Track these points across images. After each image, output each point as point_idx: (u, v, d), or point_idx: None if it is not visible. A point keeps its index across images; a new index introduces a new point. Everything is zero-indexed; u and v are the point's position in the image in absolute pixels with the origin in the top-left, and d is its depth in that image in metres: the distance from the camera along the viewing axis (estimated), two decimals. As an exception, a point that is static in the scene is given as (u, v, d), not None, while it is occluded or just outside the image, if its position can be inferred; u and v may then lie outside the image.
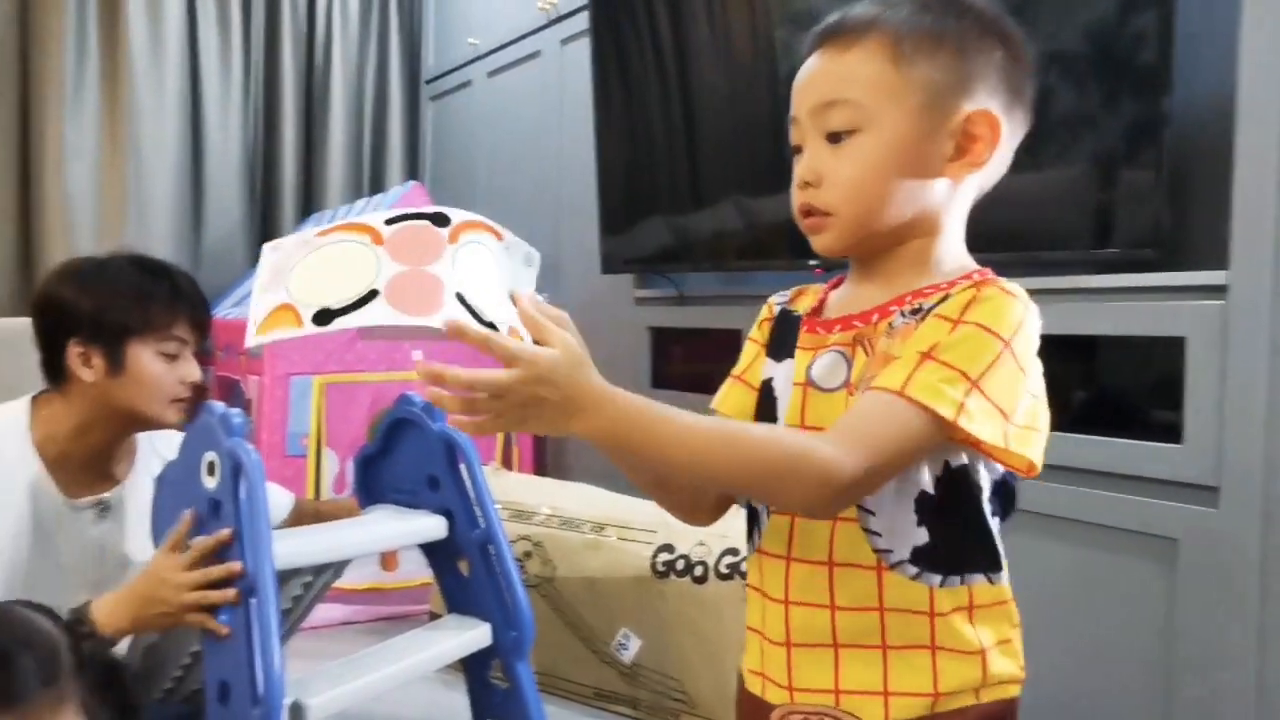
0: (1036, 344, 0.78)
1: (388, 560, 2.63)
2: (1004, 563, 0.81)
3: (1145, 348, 1.44)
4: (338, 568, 1.48)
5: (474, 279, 0.82)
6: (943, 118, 0.78)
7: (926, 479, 0.79)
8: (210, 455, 1.19)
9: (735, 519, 1.86)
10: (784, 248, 2.01)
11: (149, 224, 3.09)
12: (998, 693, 0.79)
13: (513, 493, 2.09)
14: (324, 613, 2.29)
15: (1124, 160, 1.41)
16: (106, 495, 1.35)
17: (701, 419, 0.75)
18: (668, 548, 1.83)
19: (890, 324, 0.80)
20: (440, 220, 0.86)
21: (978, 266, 0.84)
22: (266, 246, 0.86)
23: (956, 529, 0.80)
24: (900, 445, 0.74)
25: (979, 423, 0.72)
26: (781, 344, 0.89)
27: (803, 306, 0.90)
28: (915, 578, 0.79)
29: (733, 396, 0.93)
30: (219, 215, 3.30)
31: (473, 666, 1.45)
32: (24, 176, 2.96)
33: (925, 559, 0.79)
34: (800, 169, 0.82)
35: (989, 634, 0.79)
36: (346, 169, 3.53)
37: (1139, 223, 1.39)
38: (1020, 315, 0.76)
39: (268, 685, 1.10)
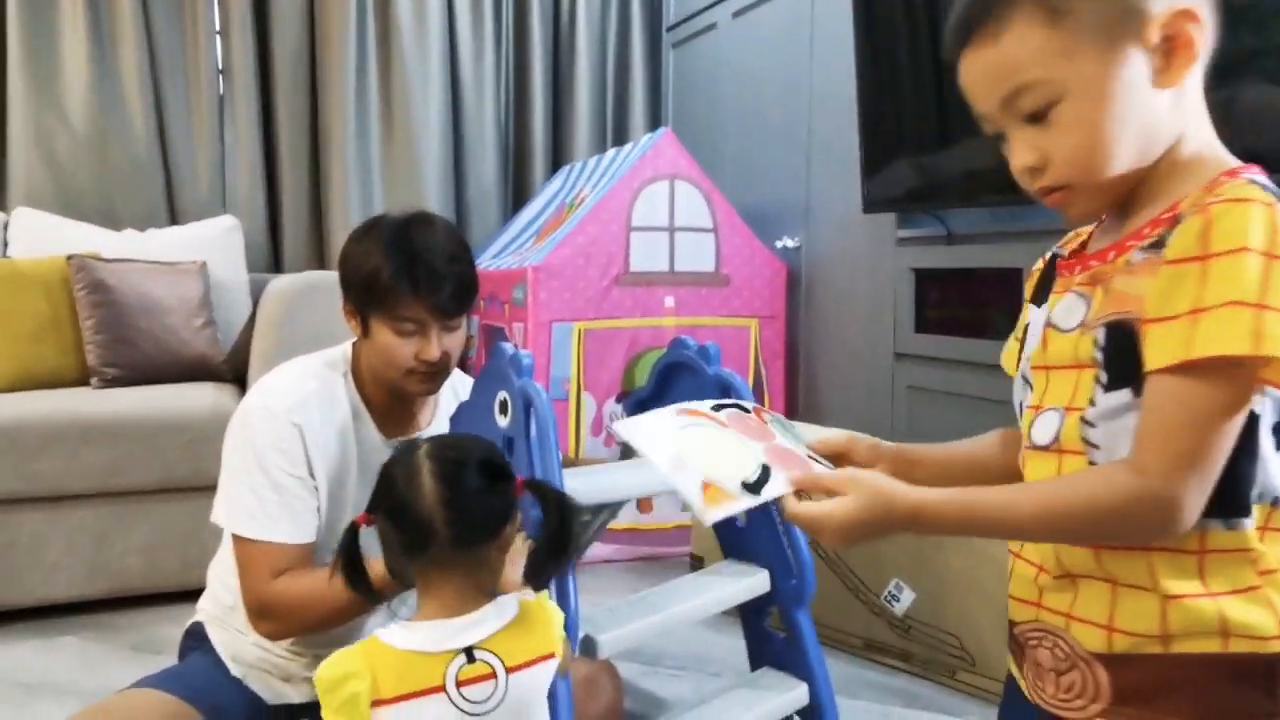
0: None
1: (643, 503, 2.70)
2: (1254, 508, 0.72)
3: None
4: (614, 508, 1.50)
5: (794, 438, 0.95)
6: (1132, 39, 0.72)
7: None
8: (502, 395, 1.24)
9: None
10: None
11: (418, 188, 3.31)
12: (1250, 646, 0.71)
13: (773, 439, 2.05)
14: (589, 550, 2.37)
15: None
16: (408, 438, 1.42)
17: (1002, 500, 0.76)
18: (944, 499, 1.74)
19: (1128, 260, 0.75)
20: (744, 409, 0.97)
21: (1229, 163, 0.75)
22: (624, 430, 0.92)
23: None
24: (1211, 425, 0.68)
25: None
26: (1043, 290, 0.87)
27: (1068, 249, 0.87)
28: None
29: (1010, 355, 0.91)
30: (477, 176, 3.48)
31: (750, 613, 1.44)
32: (314, 152, 3.24)
33: None
34: (1017, 159, 0.79)
35: (1222, 582, 0.72)
36: (592, 122, 3.60)
37: None
38: (1266, 217, 0.67)
39: (565, 617, 1.13)
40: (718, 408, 0.96)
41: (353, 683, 0.87)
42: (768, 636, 1.44)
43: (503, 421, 1.24)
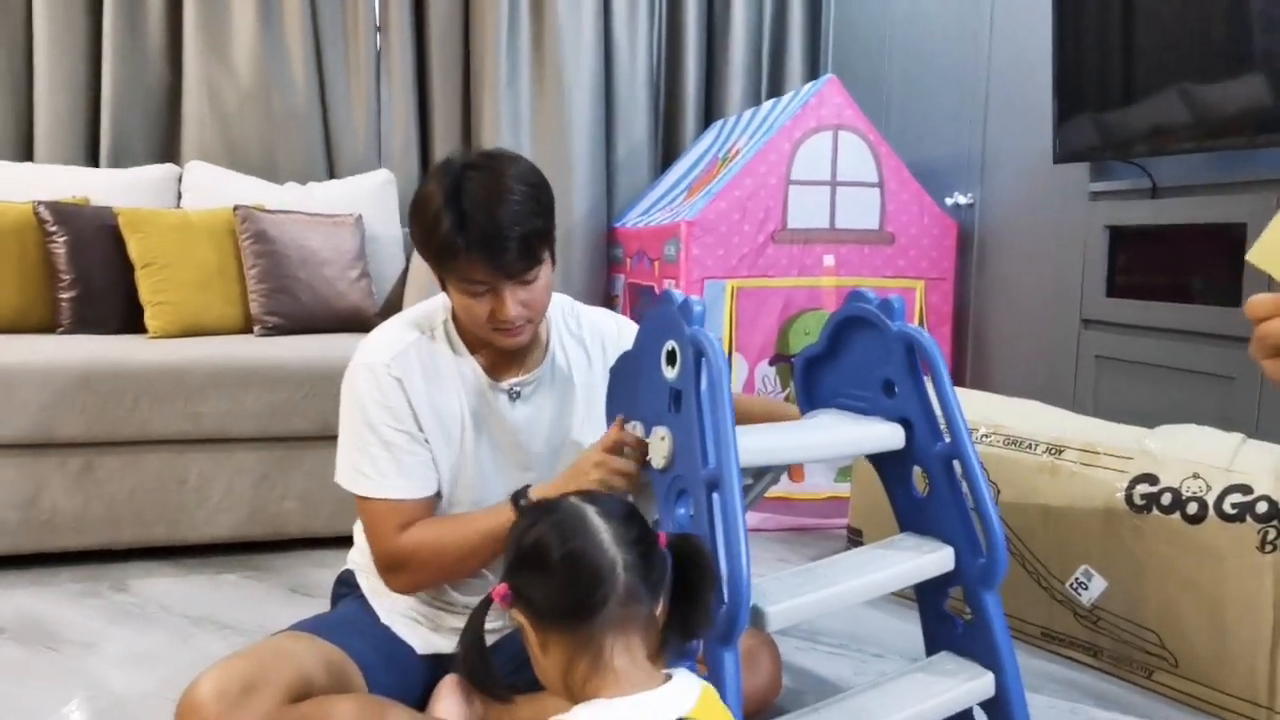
0: None
1: (795, 470, 2.57)
2: None
3: None
4: (777, 472, 1.40)
5: None
6: None
7: None
8: (670, 344, 1.15)
9: (1253, 450, 1.51)
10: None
11: (568, 144, 3.25)
12: None
13: (944, 408, 1.90)
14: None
15: None
16: (518, 381, 1.36)
17: None
18: (1149, 478, 1.55)
19: None
20: None
21: None
22: None
23: None
24: None
25: None
26: None
27: None
28: None
29: None
30: (627, 131, 3.39)
31: (927, 592, 1.31)
32: (466, 107, 3.23)
33: None
34: None
35: None
36: (747, 76, 3.46)
37: None
38: None
39: (733, 585, 1.04)
40: None
41: None
42: (948, 619, 1.31)
43: (670, 373, 1.15)
